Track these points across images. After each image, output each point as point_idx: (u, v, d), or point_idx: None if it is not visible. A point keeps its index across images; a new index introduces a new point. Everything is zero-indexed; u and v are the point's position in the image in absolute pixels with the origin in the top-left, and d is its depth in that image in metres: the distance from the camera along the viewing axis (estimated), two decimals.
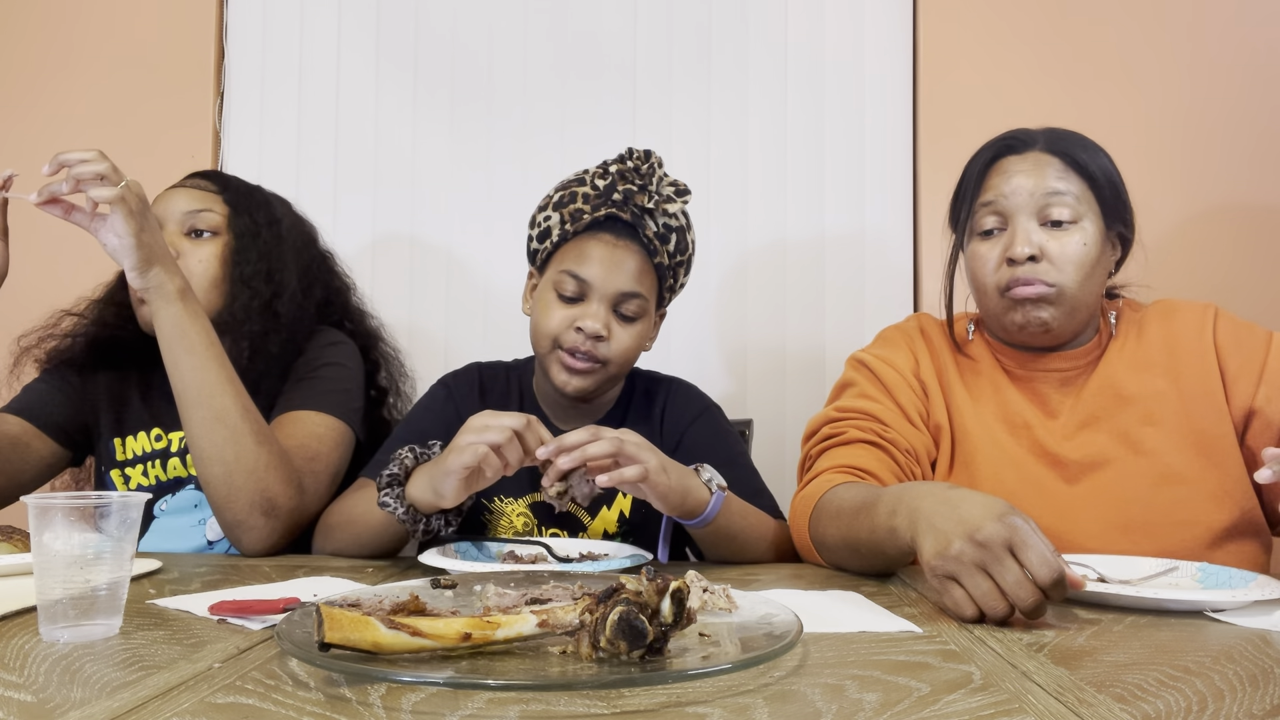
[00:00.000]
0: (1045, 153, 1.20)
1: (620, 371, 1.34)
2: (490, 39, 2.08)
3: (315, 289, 1.47)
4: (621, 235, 1.30)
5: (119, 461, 1.40)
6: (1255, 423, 1.17)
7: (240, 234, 1.37)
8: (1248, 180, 1.90)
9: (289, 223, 1.46)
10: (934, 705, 0.57)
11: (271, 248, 1.39)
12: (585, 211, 1.30)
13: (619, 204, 1.29)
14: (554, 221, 1.32)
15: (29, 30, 2.12)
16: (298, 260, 1.44)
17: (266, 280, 1.36)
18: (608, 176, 1.30)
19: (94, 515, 0.72)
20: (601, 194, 1.30)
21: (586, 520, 1.35)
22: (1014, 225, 1.19)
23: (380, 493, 1.12)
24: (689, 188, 1.32)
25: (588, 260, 1.29)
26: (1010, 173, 1.20)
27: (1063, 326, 1.20)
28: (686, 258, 1.36)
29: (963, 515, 0.82)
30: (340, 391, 1.37)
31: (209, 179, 1.42)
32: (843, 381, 1.33)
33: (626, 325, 1.31)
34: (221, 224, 1.37)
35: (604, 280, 1.28)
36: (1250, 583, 0.94)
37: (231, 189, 1.41)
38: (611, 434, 1.05)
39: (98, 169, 1.07)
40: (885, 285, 2.00)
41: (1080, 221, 1.18)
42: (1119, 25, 1.95)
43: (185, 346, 1.16)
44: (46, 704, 0.56)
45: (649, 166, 1.29)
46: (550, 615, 0.66)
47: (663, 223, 1.31)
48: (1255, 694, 0.60)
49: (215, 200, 1.38)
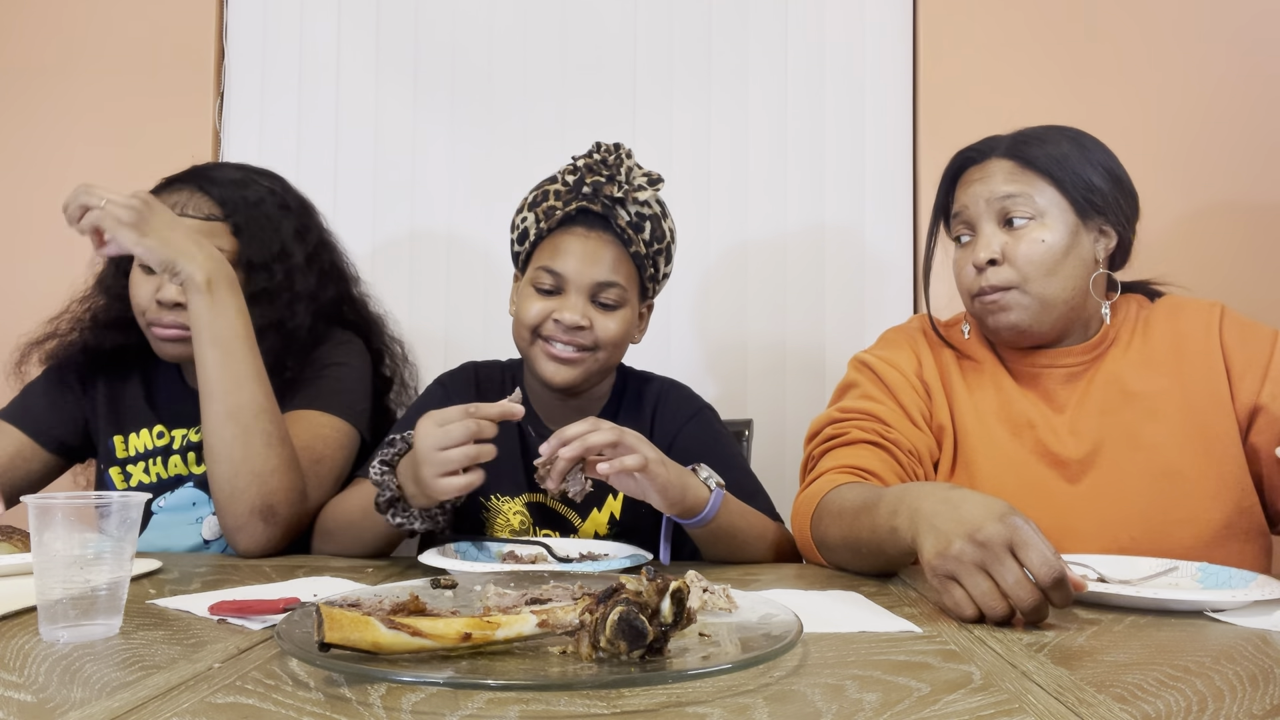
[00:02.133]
0: (1002, 158, 1.23)
1: (610, 360, 1.34)
2: (490, 39, 2.08)
3: (325, 292, 1.42)
4: (594, 227, 1.31)
5: (119, 459, 1.40)
6: (1260, 419, 1.17)
7: (255, 269, 1.32)
8: (1249, 178, 1.90)
9: (295, 226, 1.39)
10: (934, 705, 0.57)
11: (289, 282, 1.34)
12: (557, 208, 1.31)
13: (589, 196, 1.30)
14: (530, 221, 1.34)
15: (29, 30, 2.11)
16: (307, 275, 1.38)
17: (286, 316, 1.33)
18: (577, 172, 1.31)
19: (94, 515, 0.72)
20: (571, 189, 1.31)
21: (577, 522, 1.35)
22: (977, 232, 1.22)
23: (378, 502, 1.11)
24: (661, 176, 1.33)
25: (562, 254, 1.30)
26: (969, 182, 1.25)
27: (1037, 324, 1.20)
28: (664, 245, 1.36)
29: (963, 515, 0.82)
30: (346, 392, 1.37)
31: (208, 194, 1.32)
32: (845, 382, 1.34)
33: (608, 313, 1.31)
34: (232, 261, 1.29)
35: (579, 272, 1.29)
36: (1250, 583, 0.94)
37: (235, 210, 1.32)
38: (612, 425, 1.05)
39: (74, 205, 1.10)
40: (885, 285, 2.00)
41: (1040, 218, 1.19)
42: (1119, 24, 1.95)
43: (209, 338, 1.16)
44: (46, 704, 0.56)
45: (616, 158, 1.31)
46: (550, 615, 0.66)
47: (635, 211, 1.32)
48: (1255, 694, 0.60)
49: (223, 233, 1.31)
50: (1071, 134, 1.23)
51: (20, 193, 2.09)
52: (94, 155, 2.08)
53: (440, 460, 1.01)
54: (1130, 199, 1.23)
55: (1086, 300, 1.22)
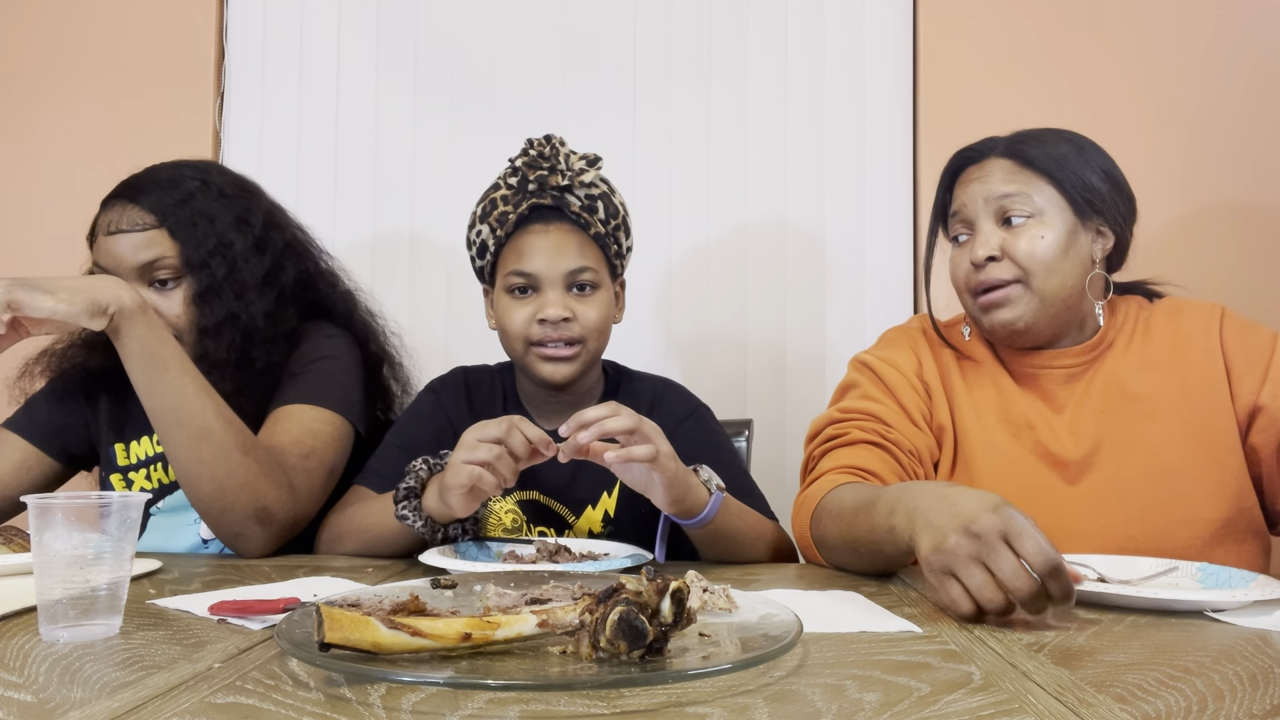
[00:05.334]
0: (1001, 157, 1.23)
1: (598, 347, 1.36)
2: (490, 38, 2.08)
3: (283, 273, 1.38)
4: (550, 220, 1.32)
5: (121, 466, 1.39)
6: (1260, 419, 1.17)
7: (197, 267, 1.28)
8: (1249, 179, 1.90)
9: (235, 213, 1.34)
10: (934, 705, 0.56)
11: (234, 273, 1.30)
12: (509, 212, 1.32)
13: (536, 192, 1.32)
14: (485, 234, 1.34)
15: (29, 30, 2.12)
16: (257, 261, 1.34)
17: (238, 308, 1.30)
18: (517, 172, 1.33)
19: (94, 515, 0.72)
20: (517, 189, 1.32)
21: (571, 519, 1.35)
22: (976, 230, 1.23)
23: (398, 505, 1.15)
24: (599, 156, 1.35)
25: (528, 254, 1.31)
26: (967, 181, 1.25)
27: (1035, 322, 1.20)
28: (621, 220, 1.37)
29: (958, 510, 0.82)
30: (337, 385, 1.35)
31: (138, 203, 1.28)
32: (846, 383, 1.34)
33: (586, 299, 1.33)
34: (177, 264, 1.27)
35: (550, 266, 1.30)
36: (1250, 583, 0.94)
37: (168, 213, 1.28)
38: (631, 412, 1.06)
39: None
40: (885, 285, 2.01)
41: (1039, 216, 1.19)
42: (1119, 25, 1.95)
43: (159, 365, 1.12)
44: (46, 704, 0.56)
45: (551, 148, 1.33)
46: (550, 615, 0.66)
47: (584, 195, 1.33)
48: (1255, 694, 0.60)
49: (161, 239, 1.27)
50: (1069, 136, 1.24)
51: (20, 193, 2.09)
52: (94, 155, 2.08)
53: (469, 442, 1.06)
54: (1127, 200, 1.23)
55: (1082, 300, 1.23)
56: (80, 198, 2.09)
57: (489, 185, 1.37)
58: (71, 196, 2.07)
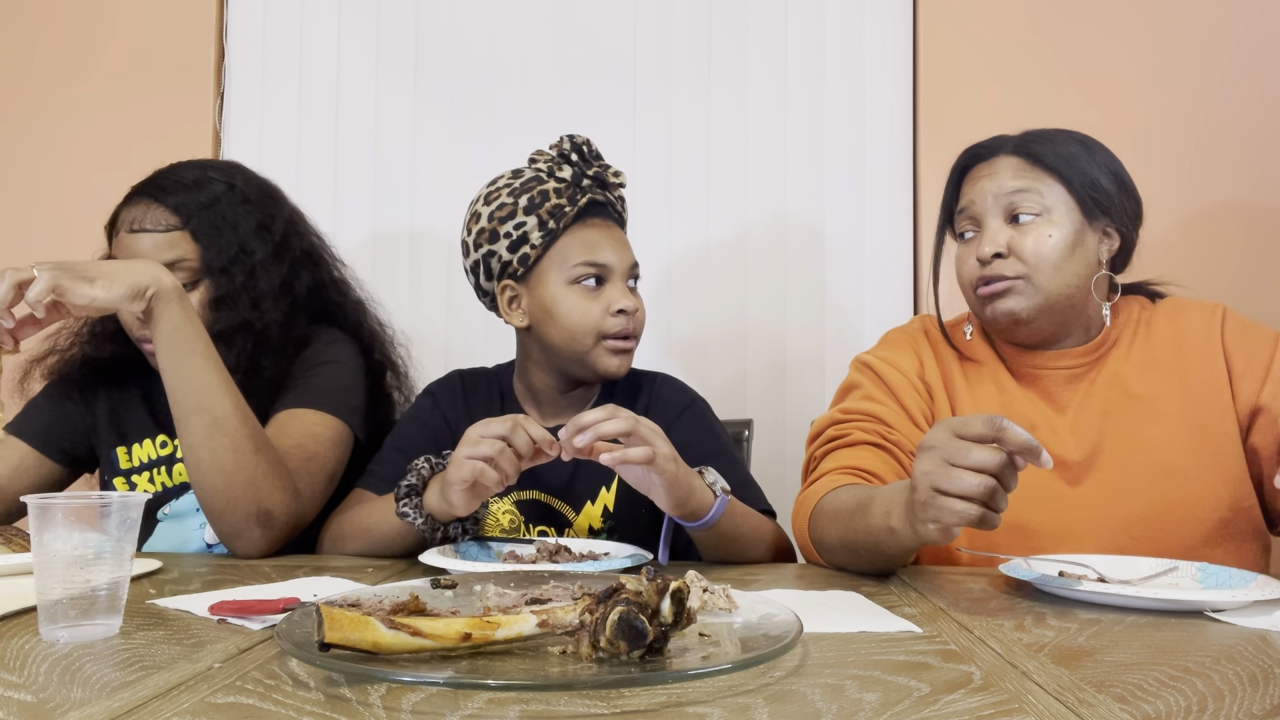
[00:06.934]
0: (1010, 155, 1.23)
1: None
2: (490, 38, 2.08)
3: (299, 281, 1.39)
4: (601, 215, 1.35)
5: (123, 470, 1.39)
6: (1260, 419, 1.18)
7: (216, 272, 1.29)
8: (1251, 180, 1.90)
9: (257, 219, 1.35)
10: (934, 705, 0.57)
11: (252, 281, 1.31)
12: (564, 205, 1.31)
13: (590, 187, 1.34)
14: (531, 225, 1.31)
15: (29, 30, 2.12)
16: (275, 268, 1.35)
17: (253, 317, 1.31)
18: (564, 167, 1.33)
19: (94, 515, 0.72)
20: (571, 184, 1.33)
21: (571, 516, 1.35)
22: (983, 227, 1.23)
23: (399, 503, 1.15)
24: None
25: (596, 246, 1.32)
26: (976, 178, 1.25)
27: (1038, 317, 1.20)
28: None
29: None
30: (338, 390, 1.35)
31: (163, 203, 1.29)
32: (847, 383, 1.34)
33: (637, 295, 1.37)
34: (197, 268, 1.29)
35: (617, 259, 1.33)
36: (1250, 583, 0.94)
37: (192, 215, 1.29)
38: (629, 414, 1.06)
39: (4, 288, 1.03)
40: (885, 284, 2.00)
41: (1047, 214, 1.19)
42: (1120, 25, 1.95)
43: (187, 348, 1.14)
44: (46, 704, 0.56)
45: (592, 149, 1.35)
46: (550, 615, 0.66)
47: (618, 195, 1.38)
48: (1255, 694, 0.60)
49: (183, 241, 1.28)
50: (1078, 136, 1.24)
51: (20, 194, 2.09)
52: (94, 156, 2.08)
53: (472, 438, 1.06)
54: (1134, 202, 1.24)
55: (1088, 301, 1.23)
56: (81, 197, 2.10)
57: (521, 179, 1.34)
58: (72, 196, 2.08)
